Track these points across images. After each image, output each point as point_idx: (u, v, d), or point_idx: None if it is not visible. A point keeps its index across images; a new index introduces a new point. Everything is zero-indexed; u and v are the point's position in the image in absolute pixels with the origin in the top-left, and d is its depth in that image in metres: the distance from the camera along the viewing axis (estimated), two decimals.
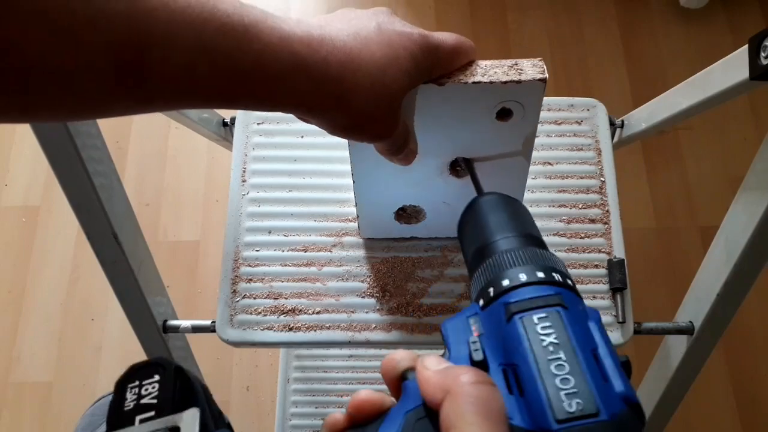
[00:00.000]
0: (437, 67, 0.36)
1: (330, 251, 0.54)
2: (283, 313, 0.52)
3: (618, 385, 0.24)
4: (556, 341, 0.25)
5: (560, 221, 0.55)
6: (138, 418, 0.24)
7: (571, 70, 1.27)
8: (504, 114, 0.40)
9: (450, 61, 0.37)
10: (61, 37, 0.24)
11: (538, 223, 0.54)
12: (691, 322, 0.53)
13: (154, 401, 0.25)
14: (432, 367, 0.24)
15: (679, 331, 0.53)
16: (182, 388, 0.25)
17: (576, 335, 0.25)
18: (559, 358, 0.24)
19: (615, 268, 0.52)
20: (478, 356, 0.26)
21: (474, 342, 0.26)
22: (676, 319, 0.55)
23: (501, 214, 0.35)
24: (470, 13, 1.31)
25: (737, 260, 0.48)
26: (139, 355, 0.57)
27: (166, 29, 0.26)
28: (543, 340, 0.25)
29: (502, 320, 0.27)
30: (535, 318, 0.26)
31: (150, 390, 0.25)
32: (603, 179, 0.56)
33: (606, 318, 0.51)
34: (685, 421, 1.01)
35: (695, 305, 0.53)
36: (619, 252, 0.54)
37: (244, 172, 0.57)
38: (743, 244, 0.47)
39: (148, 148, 1.22)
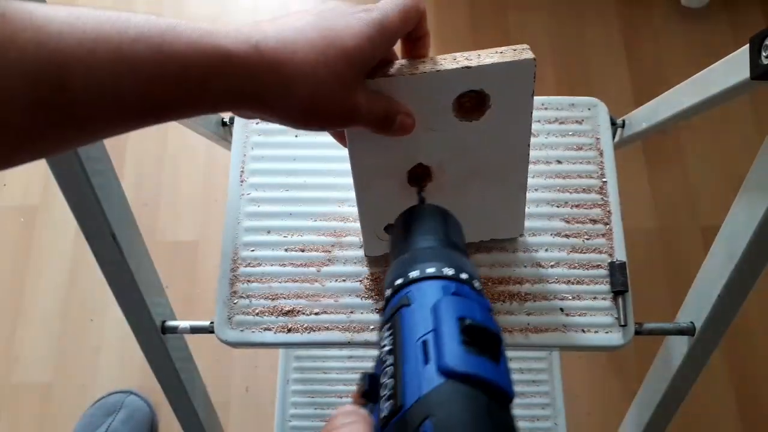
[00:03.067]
0: (389, 39, 0.34)
1: (329, 251, 0.54)
2: (282, 314, 0.52)
3: (440, 361, 0.23)
4: (390, 346, 0.26)
5: (561, 221, 0.55)
6: None
7: (572, 70, 1.27)
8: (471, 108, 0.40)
9: (397, 32, 0.35)
10: None
11: (538, 223, 0.55)
12: (692, 322, 0.53)
13: None
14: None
15: (680, 331, 0.53)
16: None
17: (408, 330, 0.26)
18: (388, 363, 0.25)
19: (617, 270, 0.52)
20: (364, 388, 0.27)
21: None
22: (677, 319, 0.55)
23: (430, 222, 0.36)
24: (471, 13, 1.31)
25: (738, 260, 0.47)
26: (138, 356, 0.58)
27: (79, 48, 0.26)
28: (384, 348, 0.26)
29: None
30: (384, 332, 0.27)
31: None
32: (604, 179, 0.56)
33: (607, 320, 0.51)
34: (685, 421, 1.01)
35: (696, 306, 0.52)
36: (620, 253, 0.53)
37: (242, 171, 0.57)
38: (744, 245, 0.47)
39: (147, 147, 1.22)
